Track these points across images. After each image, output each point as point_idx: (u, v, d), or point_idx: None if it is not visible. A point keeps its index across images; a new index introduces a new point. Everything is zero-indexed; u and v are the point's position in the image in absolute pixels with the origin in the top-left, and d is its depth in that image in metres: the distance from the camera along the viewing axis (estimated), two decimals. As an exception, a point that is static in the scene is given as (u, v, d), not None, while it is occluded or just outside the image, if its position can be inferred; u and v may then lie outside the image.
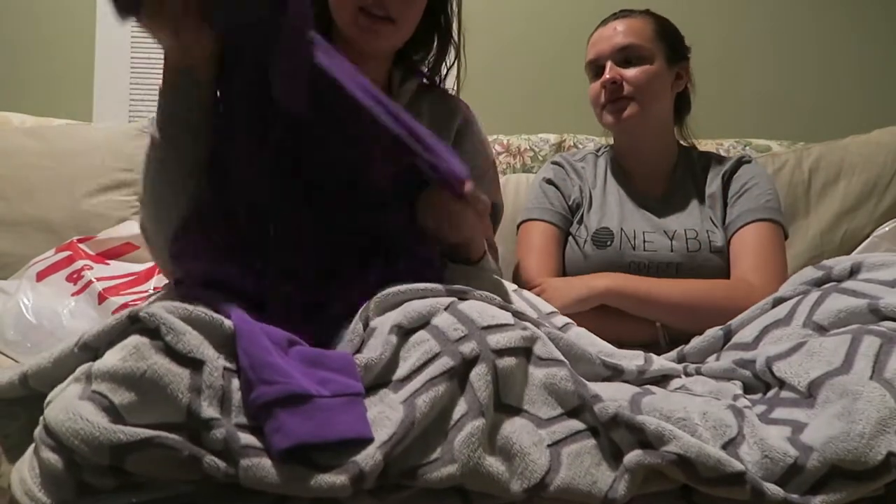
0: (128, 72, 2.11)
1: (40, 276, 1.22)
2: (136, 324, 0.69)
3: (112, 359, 0.66)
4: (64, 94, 2.06)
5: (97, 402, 0.64)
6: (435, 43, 1.20)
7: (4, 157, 1.59)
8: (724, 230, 1.31)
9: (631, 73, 1.29)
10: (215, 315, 0.72)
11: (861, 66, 2.25)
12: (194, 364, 0.67)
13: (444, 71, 1.23)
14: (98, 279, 1.22)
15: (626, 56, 1.30)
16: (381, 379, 0.75)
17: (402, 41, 1.12)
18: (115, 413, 0.63)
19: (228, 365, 0.70)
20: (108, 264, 1.29)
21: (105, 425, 0.62)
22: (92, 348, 0.70)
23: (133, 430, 0.62)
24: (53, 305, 1.16)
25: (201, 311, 0.71)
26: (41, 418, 0.65)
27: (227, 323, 0.72)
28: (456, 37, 1.20)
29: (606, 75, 1.30)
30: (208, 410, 0.66)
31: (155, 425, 0.64)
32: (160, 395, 0.65)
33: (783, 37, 2.24)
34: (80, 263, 1.25)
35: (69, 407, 0.63)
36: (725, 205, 1.34)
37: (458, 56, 1.21)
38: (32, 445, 0.66)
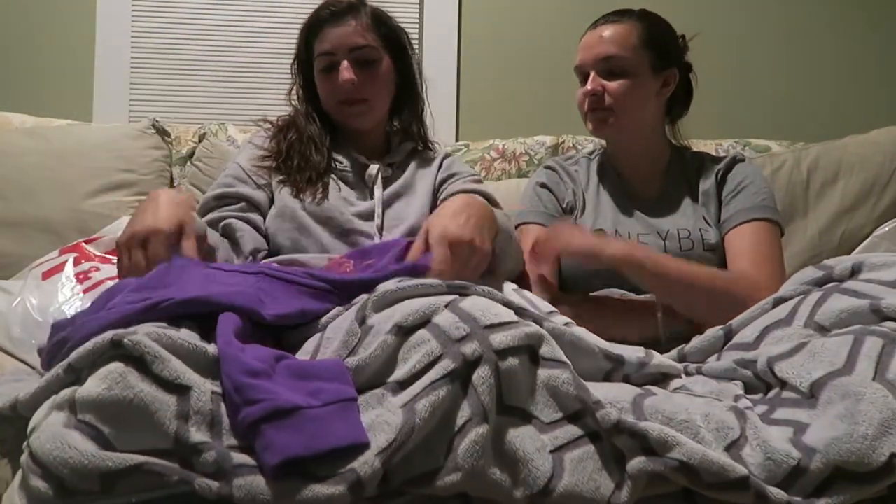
0: (128, 72, 2.11)
1: (46, 275, 1.22)
2: (118, 348, 0.68)
3: (96, 387, 0.65)
4: (64, 94, 2.06)
5: (84, 432, 0.63)
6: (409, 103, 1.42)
7: (4, 157, 1.59)
8: (719, 228, 1.31)
9: (612, 85, 1.29)
10: (199, 343, 0.72)
11: (859, 66, 2.25)
12: (181, 390, 0.67)
13: (427, 125, 1.46)
14: (106, 279, 1.21)
15: (607, 67, 1.30)
16: (376, 380, 0.74)
17: (381, 113, 1.36)
18: (103, 441, 0.63)
19: (217, 389, 0.70)
20: (114, 263, 1.29)
21: (94, 452, 0.62)
22: (75, 369, 0.70)
23: (122, 456, 0.62)
24: (59, 304, 1.16)
25: (184, 339, 0.71)
26: (25, 445, 0.65)
27: (211, 349, 0.72)
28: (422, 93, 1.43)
29: (588, 86, 1.30)
30: (197, 435, 0.66)
31: (144, 451, 0.64)
32: (147, 423, 0.65)
33: (782, 37, 2.25)
34: (87, 265, 1.25)
35: (56, 436, 0.63)
36: (720, 203, 1.33)
37: (422, 109, 1.43)
38: (20, 472, 0.65)
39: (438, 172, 1.40)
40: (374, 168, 1.33)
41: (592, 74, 1.30)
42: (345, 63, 1.27)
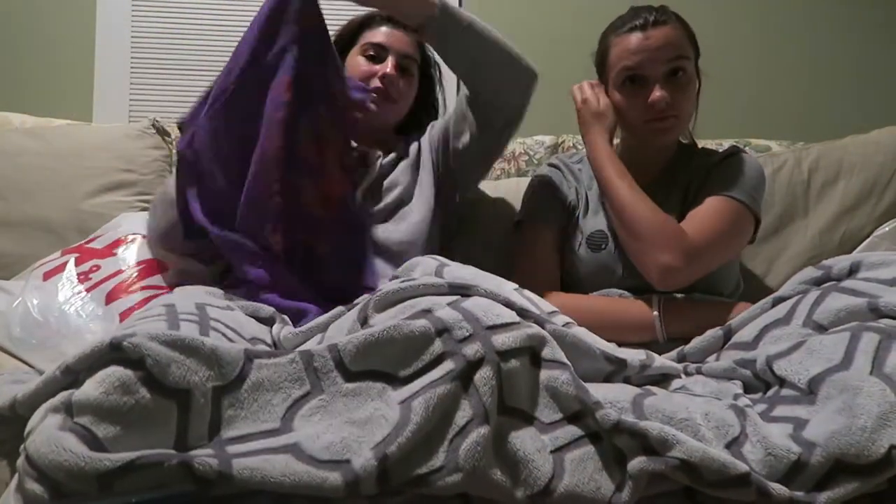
0: (128, 72, 2.11)
1: (47, 276, 1.22)
2: (117, 352, 0.67)
3: (94, 391, 0.65)
4: (64, 94, 2.06)
5: (79, 435, 0.63)
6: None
7: (4, 157, 1.58)
8: None
9: (678, 91, 1.25)
10: (196, 337, 0.71)
11: (860, 66, 2.25)
12: (180, 395, 0.67)
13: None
14: (106, 278, 1.21)
15: (670, 71, 1.25)
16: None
17: (391, 119, 1.42)
18: (97, 446, 0.63)
19: (217, 383, 0.70)
20: (114, 255, 1.28)
21: (88, 454, 0.62)
22: (73, 371, 0.70)
23: (117, 455, 0.62)
24: (60, 304, 1.16)
25: (182, 335, 0.70)
26: (22, 448, 0.65)
27: (208, 342, 0.71)
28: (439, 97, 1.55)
29: (659, 92, 1.23)
30: (196, 439, 0.66)
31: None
32: (148, 429, 0.65)
33: (782, 37, 2.25)
34: (88, 265, 1.24)
35: (51, 439, 0.62)
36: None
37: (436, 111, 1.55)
38: (16, 476, 0.65)
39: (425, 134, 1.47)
40: (373, 154, 1.37)
41: (658, 84, 1.24)
42: (392, 61, 1.37)
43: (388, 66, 1.36)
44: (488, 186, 1.65)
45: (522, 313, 0.82)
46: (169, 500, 0.64)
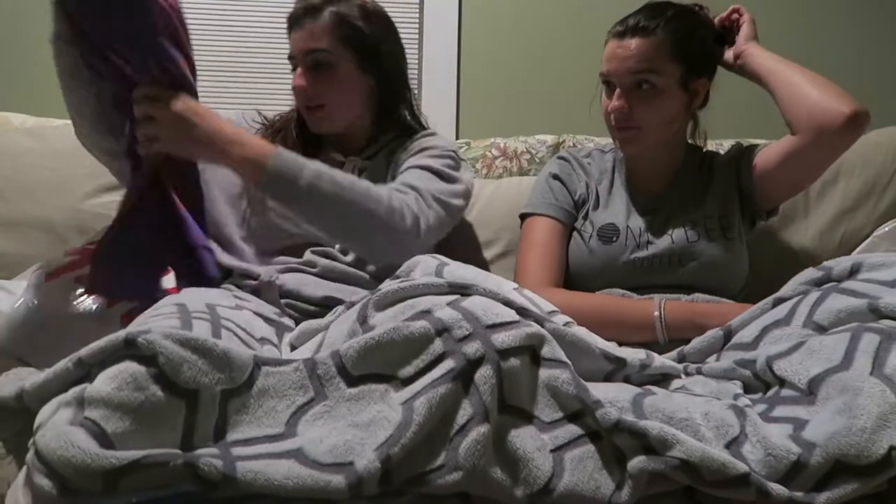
0: (128, 72, 2.11)
1: (49, 276, 1.22)
2: (130, 348, 0.68)
3: (106, 386, 0.65)
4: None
5: (88, 429, 0.63)
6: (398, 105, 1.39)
7: (4, 157, 1.59)
8: (751, 174, 1.33)
9: (640, 106, 1.25)
10: (208, 339, 0.72)
11: (860, 67, 2.25)
12: (189, 395, 0.67)
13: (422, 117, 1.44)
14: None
15: (635, 82, 1.25)
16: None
17: (345, 118, 1.30)
18: (106, 441, 0.63)
19: (226, 386, 0.70)
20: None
21: (96, 451, 0.62)
22: (86, 364, 0.70)
23: (124, 453, 0.62)
24: (61, 305, 1.16)
25: (196, 336, 0.71)
26: (31, 443, 0.65)
27: (221, 345, 0.71)
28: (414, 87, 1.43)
29: (615, 102, 1.26)
30: (203, 440, 0.67)
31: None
32: (156, 426, 0.65)
33: (781, 37, 2.24)
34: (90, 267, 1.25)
35: (61, 434, 0.63)
36: (740, 188, 1.35)
37: (408, 102, 1.41)
38: (24, 469, 0.66)
39: (403, 152, 1.32)
40: (348, 165, 1.31)
41: (619, 91, 1.26)
42: (300, 68, 1.25)
43: (295, 78, 1.25)
44: (489, 185, 1.65)
45: (522, 312, 0.82)
46: (172, 500, 0.64)
